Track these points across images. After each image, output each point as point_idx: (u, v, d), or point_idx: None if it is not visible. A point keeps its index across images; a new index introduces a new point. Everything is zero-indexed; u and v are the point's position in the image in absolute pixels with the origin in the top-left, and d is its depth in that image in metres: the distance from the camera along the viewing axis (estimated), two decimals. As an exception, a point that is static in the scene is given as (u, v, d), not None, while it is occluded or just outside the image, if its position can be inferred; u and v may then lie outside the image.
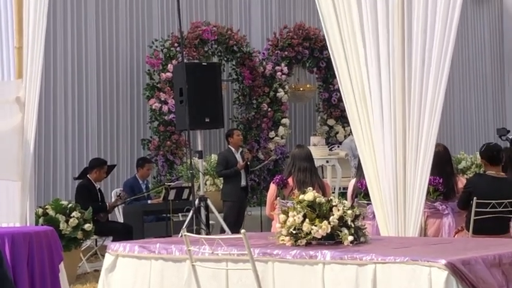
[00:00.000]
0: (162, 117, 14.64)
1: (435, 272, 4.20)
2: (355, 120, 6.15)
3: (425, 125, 5.86)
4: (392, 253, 4.50)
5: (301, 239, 4.92)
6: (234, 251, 4.87)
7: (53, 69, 14.04)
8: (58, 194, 13.28)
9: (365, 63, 6.06)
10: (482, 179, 7.66)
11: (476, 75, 20.68)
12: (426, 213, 7.27)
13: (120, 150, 14.97)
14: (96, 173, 11.37)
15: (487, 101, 20.83)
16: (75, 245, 10.05)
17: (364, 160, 6.14)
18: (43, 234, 6.84)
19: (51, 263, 6.82)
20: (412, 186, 5.92)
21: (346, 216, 4.96)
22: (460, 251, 4.62)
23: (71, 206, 10.18)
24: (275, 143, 16.17)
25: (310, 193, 5.04)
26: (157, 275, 5.27)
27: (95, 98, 14.65)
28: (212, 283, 5.00)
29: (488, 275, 4.28)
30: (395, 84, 5.94)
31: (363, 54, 6.06)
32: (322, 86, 17.15)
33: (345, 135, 16.54)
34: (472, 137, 20.44)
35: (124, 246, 5.47)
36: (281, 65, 16.22)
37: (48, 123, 13.97)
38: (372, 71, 6.02)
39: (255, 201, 15.43)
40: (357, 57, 6.10)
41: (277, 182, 8.33)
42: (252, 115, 16.01)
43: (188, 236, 4.72)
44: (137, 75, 15.26)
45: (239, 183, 12.29)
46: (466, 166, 14.74)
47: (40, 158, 13.60)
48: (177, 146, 14.79)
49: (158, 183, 13.88)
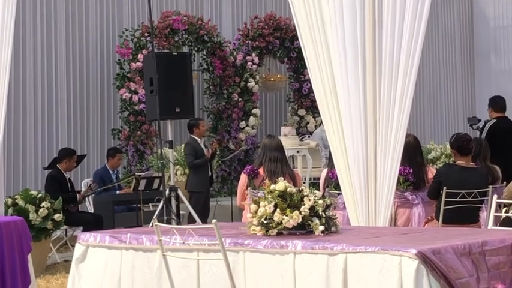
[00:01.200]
0: (132, 107, 14.58)
1: (405, 261, 4.22)
2: (325, 110, 6.15)
3: (396, 115, 5.87)
4: (363, 243, 4.52)
5: (272, 229, 4.92)
6: (205, 240, 4.87)
7: (22, 58, 13.93)
8: (28, 184, 13.19)
9: (335, 53, 6.06)
10: (452, 169, 7.72)
11: (446, 65, 20.80)
12: (396, 203, 7.32)
13: (90, 140, 14.89)
14: (66, 163, 11.31)
15: (456, 91, 20.97)
16: (45, 235, 10.01)
17: (334, 150, 6.15)
18: (12, 224, 6.80)
19: (20, 253, 6.77)
20: (382, 176, 5.94)
21: (317, 206, 4.98)
22: (430, 240, 4.65)
23: (41, 196, 10.13)
24: (246, 133, 16.17)
25: (281, 183, 5.05)
26: (128, 265, 5.25)
27: (64, 87, 14.55)
28: (183, 273, 5.00)
29: (458, 264, 4.31)
30: (365, 74, 5.95)
31: (333, 44, 6.06)
32: (292, 76, 17.17)
33: (316, 125, 16.57)
34: (441, 127, 20.57)
35: (94, 236, 5.45)
36: (252, 55, 16.20)
37: (17, 113, 13.86)
38: (341, 61, 6.02)
39: (226, 192, 15.43)
40: (327, 48, 6.10)
41: (248, 172, 8.34)
42: (223, 105, 15.99)
43: (159, 226, 4.71)
44: (107, 65, 15.18)
45: (207, 173, 12.28)
46: (436, 156, 14.83)
47: (9, 147, 13.50)
48: (148, 136, 14.75)
49: (128, 173, 13.83)
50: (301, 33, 6.23)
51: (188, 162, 12.31)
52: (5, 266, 6.56)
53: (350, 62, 5.99)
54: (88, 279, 5.40)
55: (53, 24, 14.42)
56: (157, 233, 4.69)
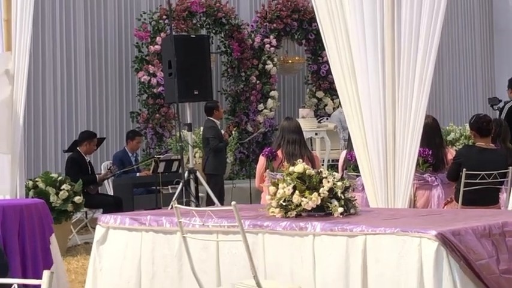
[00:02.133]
0: (151, 90, 14.60)
1: (425, 242, 4.22)
2: (344, 92, 6.14)
3: (415, 96, 5.86)
4: (382, 224, 4.52)
5: (291, 210, 4.93)
6: (225, 222, 4.89)
7: (41, 42, 13.97)
8: (48, 167, 13.27)
9: (353, 34, 6.04)
10: (471, 150, 7.69)
11: (466, 46, 20.67)
12: (415, 184, 7.30)
13: (109, 123, 14.94)
14: (86, 145, 11.36)
15: (476, 72, 20.84)
16: (65, 218, 10.07)
17: (353, 132, 6.14)
18: (33, 206, 6.84)
19: (42, 235, 6.82)
20: (401, 158, 5.93)
21: (336, 188, 4.98)
22: (450, 222, 4.64)
23: (61, 178, 10.18)
24: (264, 115, 16.17)
25: (300, 165, 5.05)
26: (148, 247, 5.28)
27: (83, 70, 14.59)
28: (203, 254, 5.02)
29: (478, 245, 4.30)
30: (384, 55, 5.93)
31: (351, 25, 6.04)
32: (311, 58, 17.12)
33: (334, 107, 16.53)
34: (461, 108, 20.48)
35: (115, 218, 5.48)
36: (270, 37, 16.17)
37: (37, 96, 13.92)
38: (360, 42, 6.00)
39: (244, 174, 15.45)
40: (345, 29, 6.08)
41: (266, 154, 8.34)
42: (241, 88, 15.98)
43: (179, 208, 4.73)
44: (126, 48, 15.20)
45: (225, 156, 12.29)
46: (455, 138, 14.76)
47: (30, 130, 13.57)
48: (166, 118, 14.77)
49: (147, 156, 13.88)
50: (320, 14, 6.22)
51: (214, 146, 12.13)
52: (26, 249, 6.61)
53: (369, 42, 5.97)
54: (109, 261, 5.44)
55: (72, 7, 14.44)
56: (176, 215, 4.71)
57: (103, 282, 5.44)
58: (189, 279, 4.97)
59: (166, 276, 5.19)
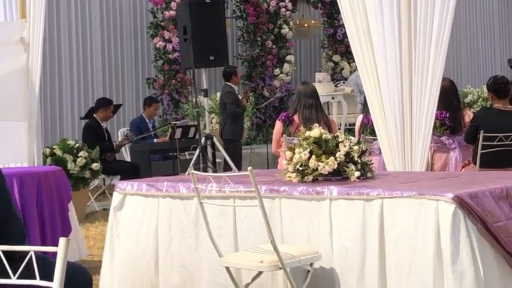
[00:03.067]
0: (166, 56, 14.59)
1: (442, 205, 4.21)
2: (360, 55, 6.10)
3: (432, 58, 5.81)
4: (399, 188, 4.50)
5: (308, 175, 4.92)
6: (241, 188, 4.89)
7: (55, 10, 13.96)
8: (65, 134, 13.33)
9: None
10: (489, 112, 7.64)
11: (483, 7, 20.51)
12: (433, 147, 7.27)
13: (125, 90, 14.96)
14: (103, 112, 11.38)
15: (494, 34, 20.68)
16: (83, 185, 10.13)
17: (369, 96, 6.11)
18: (51, 174, 6.88)
19: (60, 202, 6.86)
20: (418, 121, 5.90)
21: (352, 152, 4.96)
22: (467, 184, 4.62)
23: (78, 145, 10.23)
24: (280, 80, 16.13)
25: (316, 129, 5.03)
26: (165, 213, 5.30)
27: (99, 37, 14.58)
28: (219, 220, 5.03)
29: (495, 207, 4.28)
30: (400, 18, 5.88)
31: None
32: (327, 21, 17.04)
33: (351, 71, 16.48)
34: (478, 70, 20.36)
35: (132, 184, 5.49)
36: (285, 1, 16.08)
37: (53, 63, 13.94)
38: (376, 6, 5.95)
39: (261, 139, 15.46)
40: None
41: (282, 119, 8.33)
42: (257, 52, 15.93)
43: (195, 173, 4.73)
44: (140, 14, 15.17)
45: (243, 122, 12.29)
46: (473, 100, 14.71)
47: (46, 98, 13.61)
48: (182, 84, 14.77)
49: (164, 122, 13.90)
50: (335, -23, 6.16)
51: (232, 111, 12.09)
52: (44, 216, 6.65)
53: (385, 4, 5.92)
54: (126, 227, 5.46)
55: (86, -26, 14.41)
56: (193, 181, 4.71)
57: (121, 248, 5.47)
58: (206, 245, 4.99)
59: (183, 242, 5.21)
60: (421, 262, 4.25)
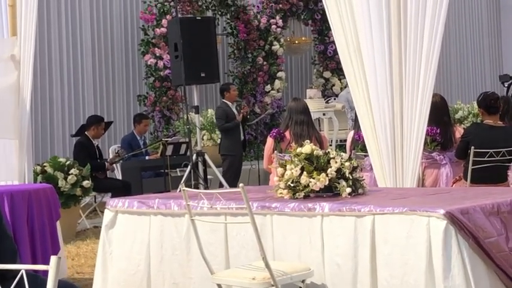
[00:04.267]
0: (157, 73, 14.60)
1: (434, 221, 4.21)
2: (350, 72, 6.12)
3: (422, 74, 5.83)
4: (390, 204, 4.51)
5: (300, 191, 4.92)
6: (233, 204, 4.88)
7: (47, 27, 13.96)
8: (56, 152, 13.29)
9: (359, 14, 6.00)
10: (480, 128, 7.66)
11: (473, 23, 20.59)
12: (424, 163, 7.28)
13: (116, 107, 14.95)
14: (94, 130, 11.37)
15: (483, 49, 20.76)
16: (74, 202, 10.09)
17: (360, 112, 6.12)
18: (42, 191, 6.85)
19: (50, 220, 6.83)
20: (409, 137, 5.91)
21: (343, 168, 4.97)
22: (459, 200, 4.63)
23: (69, 163, 10.20)
24: (271, 96, 16.15)
25: (308, 146, 5.04)
26: (156, 230, 5.29)
27: (89, 54, 14.59)
28: (211, 237, 5.02)
29: (487, 223, 4.29)
30: (390, 34, 5.90)
31: (356, 4, 6.01)
32: (317, 38, 17.08)
33: (341, 87, 16.51)
34: (468, 86, 20.42)
35: (123, 202, 5.48)
36: (276, 18, 16.13)
37: (44, 81, 13.92)
38: (365, 21, 5.97)
39: (253, 156, 15.45)
40: (351, 8, 6.05)
41: (274, 135, 8.33)
42: (248, 69, 15.96)
43: (187, 190, 4.73)
44: (132, 31, 15.19)
45: (239, 137, 12.29)
46: (463, 116, 14.74)
47: (37, 116, 13.59)
48: (173, 101, 14.78)
49: (155, 139, 13.89)
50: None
51: (218, 126, 12.33)
52: (35, 233, 6.62)
53: (374, 21, 5.94)
54: (118, 245, 5.44)
55: (77, -9, 14.43)
56: (184, 198, 4.71)
57: (113, 266, 5.45)
58: (197, 262, 4.98)
59: (174, 259, 5.20)
60: (413, 278, 4.25)
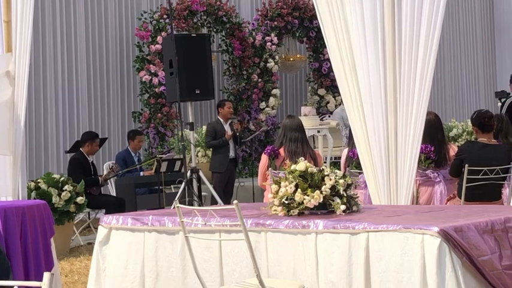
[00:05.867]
0: (152, 90, 14.61)
1: (428, 239, 4.21)
2: (345, 89, 6.13)
3: (416, 92, 5.84)
4: (384, 221, 4.51)
5: (294, 209, 4.92)
6: (227, 221, 4.88)
7: (42, 43, 13.97)
8: (50, 168, 13.27)
9: (354, 31, 6.02)
10: (474, 146, 7.67)
11: (467, 42, 20.66)
12: (418, 181, 7.29)
13: (111, 123, 14.94)
14: (89, 146, 11.36)
15: (477, 68, 20.82)
16: (68, 219, 10.07)
17: (355, 129, 6.13)
18: (35, 208, 6.83)
19: (44, 236, 6.81)
20: (403, 155, 5.92)
21: (338, 185, 4.97)
22: (452, 218, 4.63)
23: (63, 179, 10.18)
24: (266, 113, 16.16)
25: (302, 163, 5.04)
26: (151, 247, 5.27)
27: (84, 71, 14.59)
28: (206, 254, 5.01)
29: (480, 241, 4.29)
30: (384, 52, 5.92)
31: (352, 22, 6.03)
32: (312, 55, 17.12)
33: (336, 104, 16.53)
34: (463, 104, 20.46)
35: (117, 218, 5.47)
36: (271, 35, 16.16)
37: (38, 97, 13.92)
38: (360, 39, 5.99)
39: (247, 173, 15.45)
40: (346, 26, 6.07)
41: (268, 152, 8.34)
42: (243, 86, 15.98)
43: (181, 207, 4.72)
44: (127, 48, 15.20)
45: (227, 154, 12.27)
46: (457, 134, 14.74)
47: (31, 132, 13.57)
48: (168, 118, 14.78)
49: (150, 156, 13.88)
50: (320, 12, 6.20)
51: (205, 142, 12.45)
52: (28, 250, 6.60)
53: (369, 39, 5.96)
54: (112, 261, 5.43)
55: (72, 8, 14.44)
56: (179, 215, 4.70)
57: (107, 283, 5.43)
58: (192, 279, 4.97)
59: (169, 276, 5.19)
60: (407, 296, 4.24)
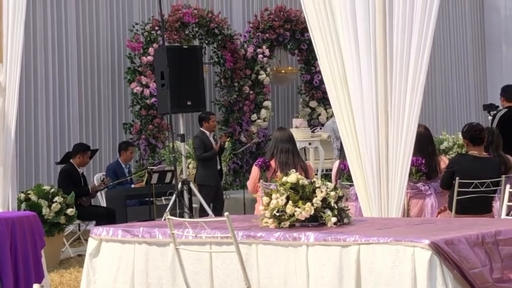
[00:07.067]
0: (143, 101, 14.59)
1: (419, 252, 4.21)
2: (336, 102, 6.14)
3: (407, 105, 5.86)
4: (375, 234, 4.51)
5: (285, 221, 4.92)
6: (218, 233, 4.87)
7: (33, 54, 13.95)
8: (40, 179, 13.23)
9: (345, 45, 6.04)
10: (464, 159, 7.69)
11: (458, 55, 20.72)
12: (409, 193, 7.30)
13: (102, 135, 14.92)
14: (80, 158, 11.32)
15: (468, 81, 20.88)
16: (58, 230, 10.03)
17: (346, 142, 6.14)
18: (26, 219, 6.81)
19: (34, 248, 6.79)
20: (394, 167, 5.93)
21: (329, 197, 4.97)
22: (443, 230, 4.64)
23: (54, 191, 10.15)
24: (257, 125, 16.16)
25: (293, 175, 5.04)
26: (141, 259, 5.26)
27: (76, 82, 14.57)
28: (196, 266, 5.00)
29: (471, 254, 4.30)
30: (376, 65, 5.93)
31: (343, 36, 6.04)
32: (303, 68, 17.14)
33: (327, 117, 16.55)
34: (453, 117, 20.50)
35: (107, 230, 5.46)
36: (262, 48, 16.18)
37: (29, 107, 13.89)
38: (352, 53, 6.00)
39: (238, 185, 15.43)
40: (337, 39, 6.09)
41: (259, 164, 8.34)
42: (234, 98, 15.98)
43: (171, 219, 4.71)
44: (118, 59, 15.19)
45: (216, 166, 12.23)
46: (448, 146, 14.76)
47: (22, 143, 13.53)
48: (159, 129, 14.76)
49: (141, 167, 13.85)
50: (311, 25, 6.22)
51: (197, 156, 12.23)
52: (18, 261, 6.58)
53: (361, 52, 5.98)
54: (102, 273, 5.41)
55: (64, 18, 14.42)
56: (169, 227, 4.70)
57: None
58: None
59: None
60: (398, 309, 4.24)
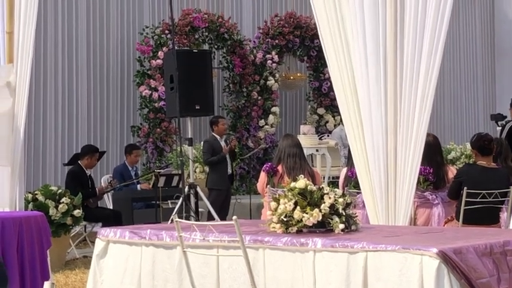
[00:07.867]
0: (152, 104, 14.61)
1: (426, 260, 4.20)
2: (345, 109, 6.14)
3: (417, 114, 5.85)
4: (383, 241, 4.50)
5: (292, 226, 4.92)
6: (225, 237, 4.87)
7: (43, 55, 13.99)
8: (47, 180, 13.25)
9: (355, 52, 6.04)
10: (473, 169, 7.67)
11: (467, 65, 20.71)
12: (416, 202, 7.29)
13: (110, 137, 14.94)
14: (88, 159, 11.35)
15: (477, 91, 20.87)
16: (64, 231, 10.05)
17: (354, 149, 6.13)
18: (33, 219, 6.82)
19: (40, 248, 6.80)
20: (402, 176, 5.92)
21: (337, 204, 4.96)
22: (451, 240, 4.63)
23: (61, 191, 10.17)
24: (265, 131, 16.16)
25: (302, 181, 5.04)
26: (148, 261, 5.26)
27: (85, 84, 14.60)
28: (203, 269, 5.00)
29: (479, 263, 4.29)
30: (386, 73, 5.93)
31: (353, 43, 6.04)
32: (312, 74, 17.15)
33: (335, 124, 16.54)
34: (462, 127, 20.48)
35: (115, 232, 5.46)
36: (272, 53, 16.19)
37: (38, 108, 13.92)
38: (361, 61, 6.00)
39: (244, 190, 15.42)
40: (347, 47, 6.08)
41: (267, 169, 8.35)
42: (242, 103, 15.99)
43: (179, 222, 4.71)
44: (128, 62, 15.22)
45: (226, 170, 12.25)
46: (456, 156, 14.77)
47: (30, 143, 13.56)
48: (167, 133, 14.77)
49: (147, 170, 13.86)
50: (322, 31, 6.22)
51: (204, 160, 12.30)
52: (24, 261, 6.59)
53: (371, 60, 5.98)
54: (109, 275, 5.41)
55: (74, 22, 14.46)
56: (177, 229, 4.70)
57: (102, 296, 5.42)
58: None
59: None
60: (404, 317, 4.23)
